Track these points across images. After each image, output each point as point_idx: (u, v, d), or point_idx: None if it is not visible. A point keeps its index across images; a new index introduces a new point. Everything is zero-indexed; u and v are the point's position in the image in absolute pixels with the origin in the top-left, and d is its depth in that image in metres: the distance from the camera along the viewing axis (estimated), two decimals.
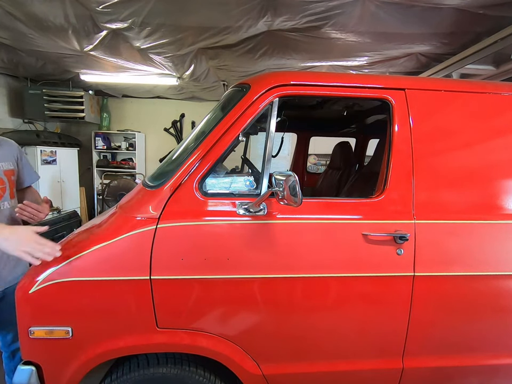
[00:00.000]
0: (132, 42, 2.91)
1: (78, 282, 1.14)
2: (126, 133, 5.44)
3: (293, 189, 1.04)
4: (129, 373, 1.24)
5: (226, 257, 1.20)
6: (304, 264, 1.24)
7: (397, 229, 1.26)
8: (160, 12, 2.33)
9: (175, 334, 1.22)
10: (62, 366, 1.20)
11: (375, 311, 1.30)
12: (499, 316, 1.36)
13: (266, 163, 1.23)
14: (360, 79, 1.40)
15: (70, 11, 2.35)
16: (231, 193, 1.26)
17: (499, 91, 1.40)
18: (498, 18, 2.20)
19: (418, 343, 1.34)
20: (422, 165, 1.31)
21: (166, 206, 1.20)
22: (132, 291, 1.18)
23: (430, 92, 1.35)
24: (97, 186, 5.37)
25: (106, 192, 4.70)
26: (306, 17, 2.31)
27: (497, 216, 1.33)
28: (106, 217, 1.36)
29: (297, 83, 1.30)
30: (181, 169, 1.23)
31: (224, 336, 1.25)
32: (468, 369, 1.41)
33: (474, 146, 1.38)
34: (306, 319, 1.28)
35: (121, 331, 1.20)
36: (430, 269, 1.27)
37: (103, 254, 1.16)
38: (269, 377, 1.31)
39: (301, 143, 3.34)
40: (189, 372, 1.26)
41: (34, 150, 4.15)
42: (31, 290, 1.13)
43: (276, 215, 1.23)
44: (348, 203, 1.32)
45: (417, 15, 2.23)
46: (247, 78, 1.43)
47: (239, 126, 1.24)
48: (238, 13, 2.30)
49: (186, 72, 3.73)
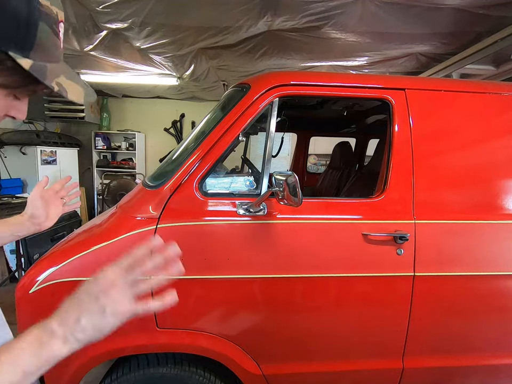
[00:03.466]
0: (132, 42, 2.91)
1: (78, 282, 1.14)
2: (126, 133, 5.44)
3: (293, 188, 1.04)
4: (129, 373, 1.24)
5: (226, 257, 1.20)
6: (304, 264, 1.24)
7: (397, 229, 1.26)
8: (160, 11, 2.33)
9: (175, 334, 1.22)
10: (62, 366, 1.20)
11: (375, 311, 1.30)
12: (499, 316, 1.36)
13: (266, 163, 1.23)
14: (360, 79, 1.41)
15: (70, 11, 2.35)
16: (231, 193, 1.26)
17: (499, 91, 1.40)
18: (498, 18, 2.20)
19: (418, 343, 1.34)
20: (422, 165, 1.31)
21: (166, 206, 1.20)
22: None
23: (430, 92, 1.35)
24: (97, 186, 5.36)
25: (106, 192, 4.70)
26: (306, 17, 2.31)
27: (497, 216, 1.33)
28: (106, 217, 1.36)
29: (297, 83, 1.30)
30: (181, 169, 1.23)
31: (224, 336, 1.25)
32: (468, 369, 1.41)
33: (475, 146, 1.38)
34: (306, 319, 1.28)
35: (121, 331, 1.19)
36: (430, 269, 1.27)
37: (103, 254, 1.16)
38: (269, 377, 1.30)
39: (301, 143, 3.34)
40: (189, 372, 1.26)
41: (34, 150, 4.14)
42: (31, 290, 1.13)
43: (276, 215, 1.23)
44: (348, 203, 1.32)
45: (417, 15, 2.23)
46: (247, 78, 1.43)
47: (239, 126, 1.24)
48: (238, 13, 2.29)
49: (186, 72, 3.73)
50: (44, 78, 0.43)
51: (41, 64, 0.43)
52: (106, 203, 4.75)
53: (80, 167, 5.07)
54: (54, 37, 0.45)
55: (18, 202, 3.26)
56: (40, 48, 0.42)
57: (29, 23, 0.40)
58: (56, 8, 0.45)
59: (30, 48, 0.41)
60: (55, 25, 0.45)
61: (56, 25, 0.45)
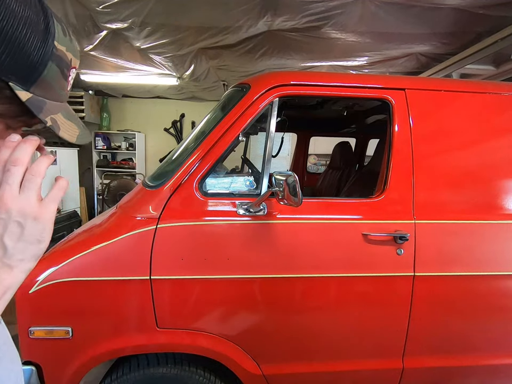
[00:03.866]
0: (132, 42, 2.91)
1: (78, 282, 1.14)
2: (126, 133, 5.44)
3: (293, 188, 1.04)
4: (129, 373, 1.24)
5: (226, 257, 1.20)
6: (304, 264, 1.24)
7: (397, 229, 1.26)
8: (160, 11, 2.33)
9: (175, 334, 1.22)
10: (62, 366, 1.20)
11: (375, 311, 1.30)
12: (499, 316, 1.36)
13: (266, 163, 1.23)
14: (360, 79, 1.41)
15: (70, 11, 2.35)
16: (231, 193, 1.26)
17: (499, 91, 1.40)
18: (498, 18, 2.20)
19: (418, 343, 1.34)
20: (422, 165, 1.31)
21: (166, 206, 1.20)
22: (132, 291, 1.18)
23: (430, 92, 1.35)
24: (97, 186, 5.36)
25: (106, 192, 4.70)
26: (306, 17, 2.31)
27: (497, 216, 1.33)
28: (106, 217, 1.36)
29: (297, 83, 1.30)
30: (181, 169, 1.23)
31: (224, 336, 1.25)
32: (468, 369, 1.41)
33: (474, 146, 1.38)
34: (306, 319, 1.28)
35: (121, 331, 1.20)
36: (430, 269, 1.27)
37: (103, 254, 1.16)
38: (269, 377, 1.30)
39: (301, 143, 3.34)
40: (189, 372, 1.26)
41: None
42: (31, 290, 1.13)
43: (276, 215, 1.23)
44: (348, 203, 1.32)
45: (417, 15, 2.23)
46: (247, 78, 1.43)
47: (239, 126, 1.24)
48: (238, 13, 2.30)
49: (186, 72, 3.73)
50: (39, 112, 0.42)
51: (40, 99, 0.42)
52: (106, 203, 4.75)
53: (80, 167, 5.07)
54: (61, 79, 0.45)
55: None
56: (44, 84, 0.42)
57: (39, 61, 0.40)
58: (71, 55, 0.45)
59: (33, 83, 0.41)
60: (66, 69, 0.45)
61: (67, 69, 0.45)
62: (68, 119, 0.48)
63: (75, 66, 0.47)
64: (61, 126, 0.46)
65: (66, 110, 0.49)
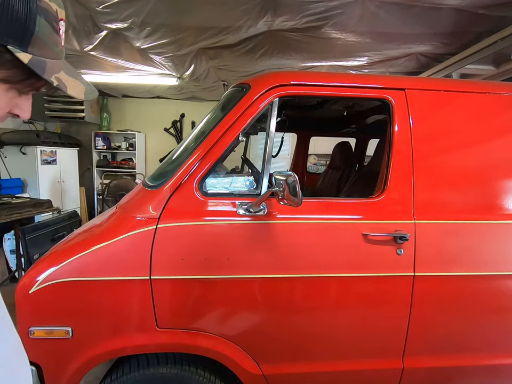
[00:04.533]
0: (132, 42, 2.91)
1: (78, 282, 1.14)
2: (126, 133, 5.44)
3: (293, 188, 1.04)
4: (129, 373, 1.24)
5: (226, 257, 1.20)
6: (304, 264, 1.24)
7: (397, 229, 1.26)
8: (160, 11, 2.33)
9: (175, 334, 1.22)
10: (62, 366, 1.20)
11: (375, 311, 1.30)
12: (499, 316, 1.36)
13: (266, 163, 1.23)
14: (360, 79, 1.41)
15: (70, 11, 2.35)
16: (231, 193, 1.26)
17: (499, 91, 1.40)
18: (498, 18, 2.20)
19: (418, 343, 1.34)
20: (422, 165, 1.31)
21: (166, 206, 1.20)
22: (132, 291, 1.18)
23: (430, 92, 1.35)
24: (97, 186, 5.37)
25: (106, 192, 4.70)
26: (306, 17, 2.31)
27: (497, 216, 1.33)
28: (106, 217, 1.36)
29: (297, 83, 1.30)
30: (181, 169, 1.23)
31: (224, 336, 1.25)
32: (468, 369, 1.41)
33: (474, 146, 1.38)
34: (307, 319, 1.28)
35: (121, 331, 1.20)
36: (430, 269, 1.27)
37: (103, 254, 1.16)
38: (269, 377, 1.31)
39: (301, 143, 3.34)
40: (189, 371, 1.26)
41: (34, 150, 4.15)
42: (31, 290, 1.13)
43: (276, 215, 1.23)
44: (348, 203, 1.32)
45: (417, 15, 2.23)
46: (247, 78, 1.43)
47: (239, 126, 1.24)
48: (238, 13, 2.30)
49: (186, 72, 3.73)
50: (42, 72, 0.43)
51: (40, 59, 0.43)
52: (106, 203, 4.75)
53: (80, 167, 5.08)
54: (53, 34, 0.45)
55: (18, 202, 3.25)
56: (39, 43, 0.43)
57: (27, 18, 0.41)
58: (55, 5, 0.45)
59: (28, 42, 0.42)
60: (55, 23, 0.45)
61: (56, 22, 0.45)
62: (71, 76, 0.49)
63: (62, 18, 0.47)
64: (67, 84, 0.48)
65: (67, 67, 0.50)
